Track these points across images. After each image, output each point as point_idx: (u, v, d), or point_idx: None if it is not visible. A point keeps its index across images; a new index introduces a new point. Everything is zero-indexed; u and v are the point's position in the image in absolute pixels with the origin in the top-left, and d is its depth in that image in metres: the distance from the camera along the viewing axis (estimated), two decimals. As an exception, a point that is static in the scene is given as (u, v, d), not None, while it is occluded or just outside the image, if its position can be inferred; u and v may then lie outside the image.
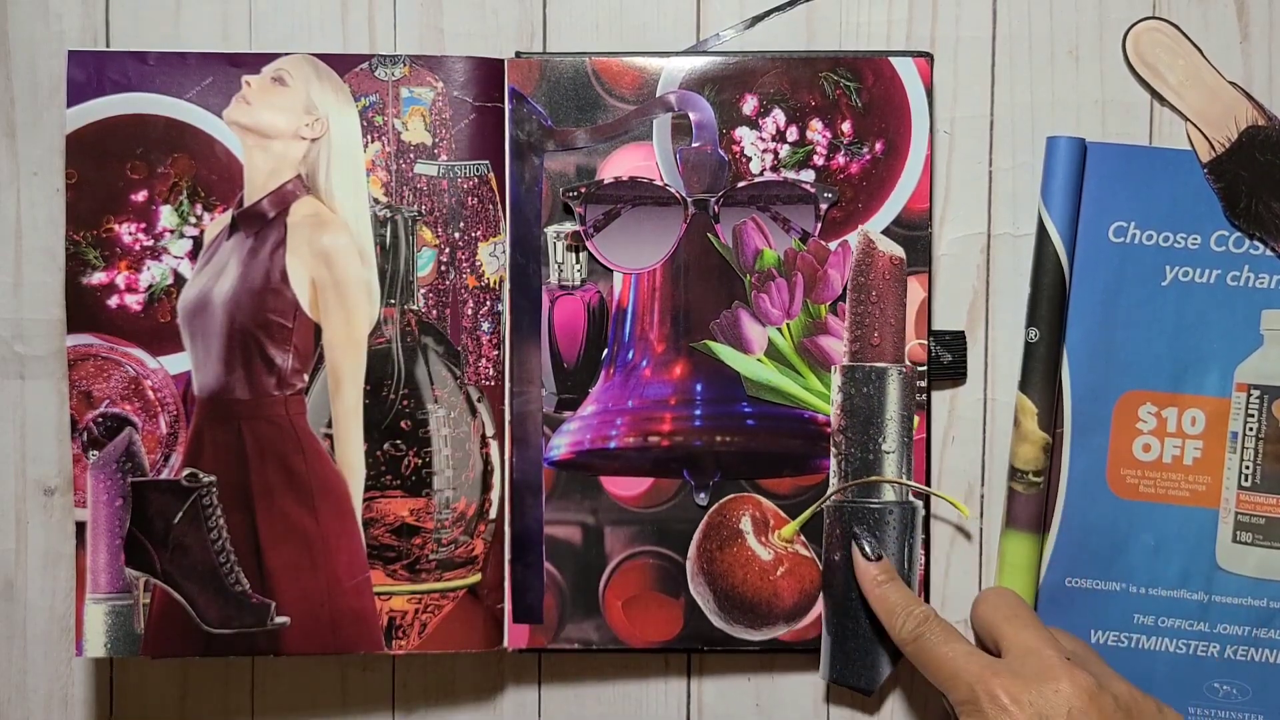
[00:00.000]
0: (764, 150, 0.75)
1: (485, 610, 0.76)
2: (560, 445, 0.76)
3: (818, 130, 0.75)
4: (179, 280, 0.74)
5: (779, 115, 0.75)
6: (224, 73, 0.74)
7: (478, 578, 0.75)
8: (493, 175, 0.75)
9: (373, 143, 0.74)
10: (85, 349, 0.74)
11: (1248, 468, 0.76)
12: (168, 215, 0.74)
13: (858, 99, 0.75)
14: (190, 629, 0.74)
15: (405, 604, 0.75)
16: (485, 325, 0.75)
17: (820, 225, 0.75)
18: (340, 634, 0.74)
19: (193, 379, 0.74)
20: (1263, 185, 0.75)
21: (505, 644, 0.76)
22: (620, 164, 0.75)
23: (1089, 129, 0.77)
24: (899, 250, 0.75)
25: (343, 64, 0.75)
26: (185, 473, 0.74)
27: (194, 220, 0.74)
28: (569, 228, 0.75)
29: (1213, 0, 0.77)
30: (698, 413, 0.75)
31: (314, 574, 0.74)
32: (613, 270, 0.76)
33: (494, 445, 0.76)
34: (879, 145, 0.75)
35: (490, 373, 0.75)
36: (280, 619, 0.74)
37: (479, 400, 0.75)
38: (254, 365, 0.74)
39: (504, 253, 0.75)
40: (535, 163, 0.75)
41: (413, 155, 0.75)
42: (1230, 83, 0.76)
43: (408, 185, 0.75)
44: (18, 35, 0.77)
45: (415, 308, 0.75)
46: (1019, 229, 0.77)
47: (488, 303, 0.75)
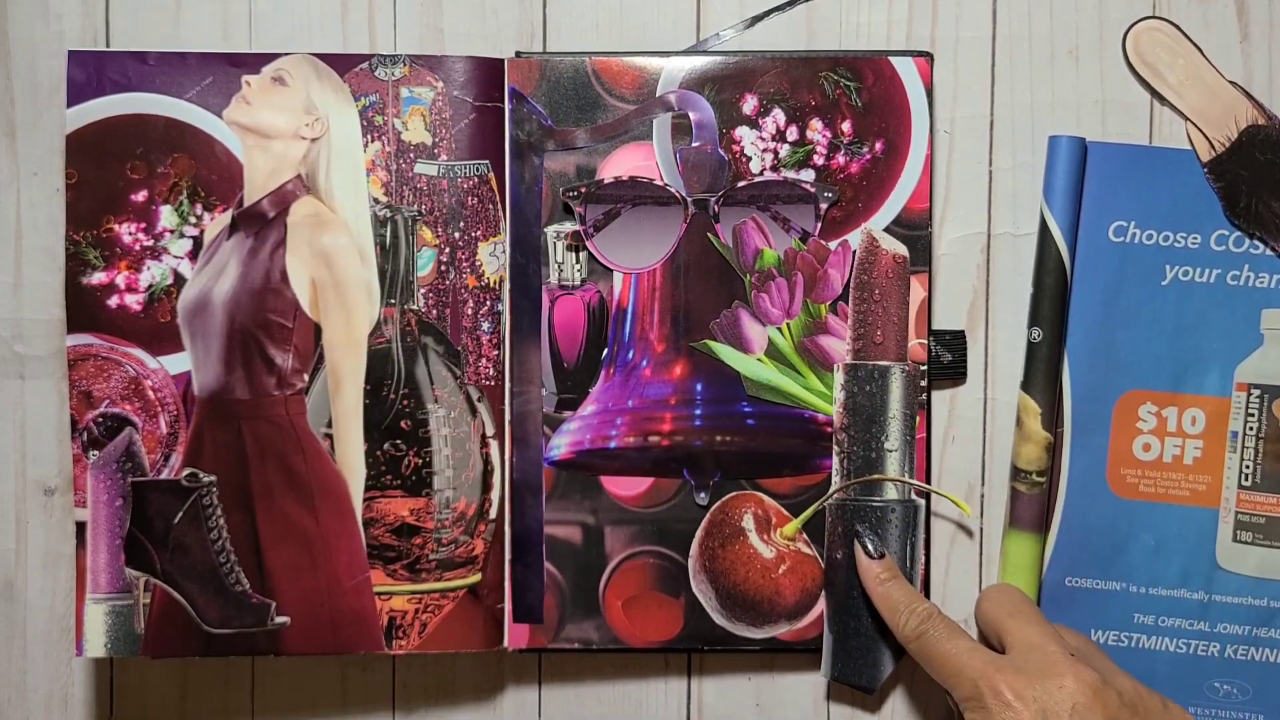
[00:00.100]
0: (764, 150, 0.75)
1: (485, 610, 0.75)
2: (560, 445, 0.76)
3: (818, 130, 0.75)
4: (179, 280, 0.74)
5: (779, 115, 0.75)
6: (224, 73, 0.74)
7: (478, 578, 0.75)
8: (493, 175, 0.75)
9: (373, 143, 0.74)
10: (85, 349, 0.74)
11: (1248, 467, 0.76)
12: (168, 215, 0.74)
13: (858, 99, 0.75)
14: (190, 629, 0.74)
15: (405, 604, 0.75)
16: (485, 325, 0.75)
17: (820, 225, 0.75)
18: (340, 634, 0.74)
19: (193, 379, 0.74)
20: (1263, 185, 0.75)
21: (505, 644, 0.76)
22: (620, 164, 0.75)
23: (1089, 129, 0.77)
24: (902, 249, 0.75)
25: (343, 64, 0.74)
26: (185, 473, 0.74)
27: (194, 220, 0.74)
28: (569, 228, 0.75)
29: (1213, 0, 0.77)
30: (698, 412, 0.75)
31: (314, 574, 0.74)
32: (613, 270, 0.76)
33: (494, 445, 0.75)
34: (879, 145, 0.75)
35: (490, 373, 0.75)
36: (280, 619, 0.74)
37: (479, 400, 0.75)
38: (254, 365, 0.74)
39: (504, 253, 0.75)
40: (535, 163, 0.75)
41: (413, 155, 0.75)
42: (1230, 82, 0.76)
43: (408, 185, 0.75)
44: (18, 35, 0.77)
45: (415, 308, 0.75)
46: (1019, 229, 0.77)
47: (488, 303, 0.75)
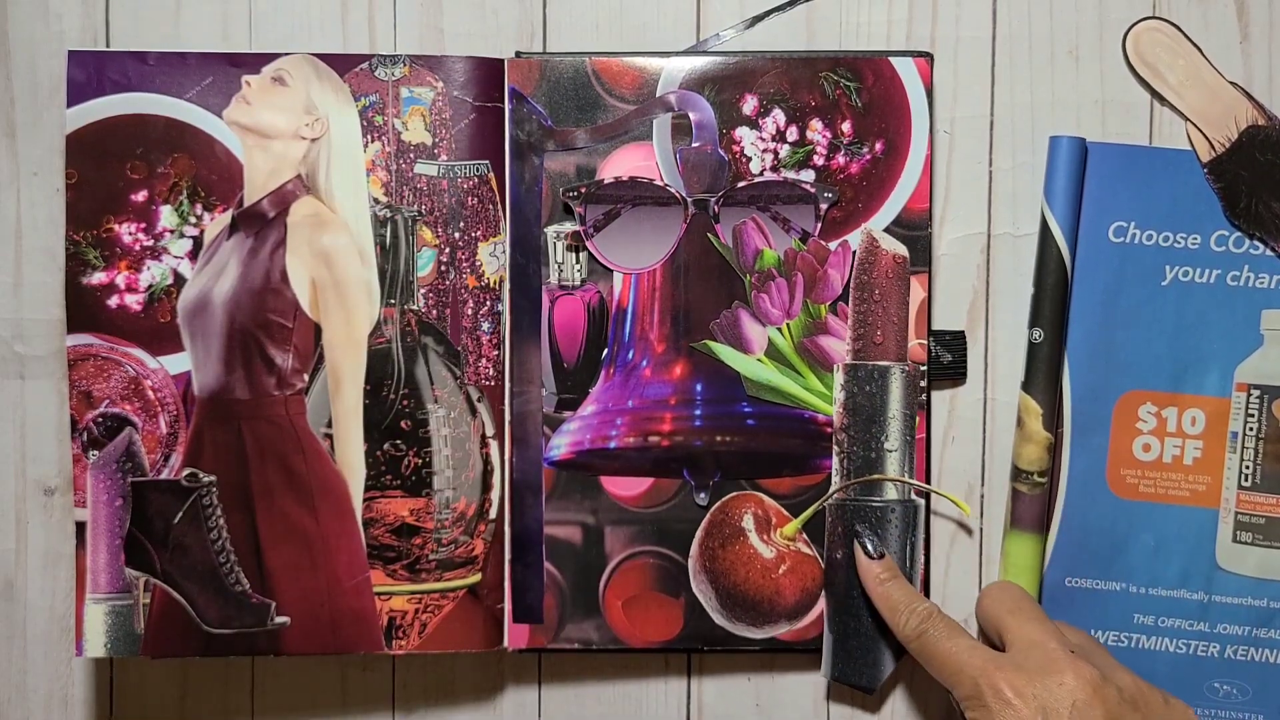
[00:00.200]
0: (764, 150, 0.75)
1: (485, 610, 0.75)
2: (560, 445, 0.76)
3: (818, 130, 0.75)
4: (179, 280, 0.74)
5: (779, 115, 0.75)
6: (224, 73, 0.74)
7: (478, 578, 0.75)
8: (493, 175, 0.75)
9: (373, 143, 0.74)
10: (85, 349, 0.74)
11: (1248, 467, 0.76)
12: (168, 215, 0.74)
13: (858, 99, 0.75)
14: (190, 629, 0.74)
15: (405, 604, 0.75)
16: (485, 325, 0.75)
17: (820, 225, 0.75)
18: (340, 634, 0.74)
19: (193, 379, 0.74)
20: (1263, 185, 0.75)
21: (505, 644, 0.76)
22: (620, 164, 0.75)
23: (1089, 129, 0.77)
24: (902, 249, 0.75)
25: (343, 64, 0.74)
26: (185, 473, 0.74)
27: (194, 220, 0.74)
28: (569, 228, 0.75)
29: (1213, 0, 0.77)
30: (698, 413, 0.75)
31: (314, 574, 0.74)
32: (613, 270, 0.76)
33: (494, 445, 0.75)
34: (879, 145, 0.75)
35: (490, 373, 0.75)
36: (280, 619, 0.74)
37: (479, 400, 0.75)
38: (254, 365, 0.74)
39: (504, 253, 0.75)
40: (535, 163, 0.75)
41: (413, 155, 0.75)
42: (1230, 83, 0.76)
43: (408, 185, 0.75)
44: (18, 35, 0.77)
45: (415, 308, 0.75)
46: (1019, 229, 0.77)
47: (488, 303, 0.75)
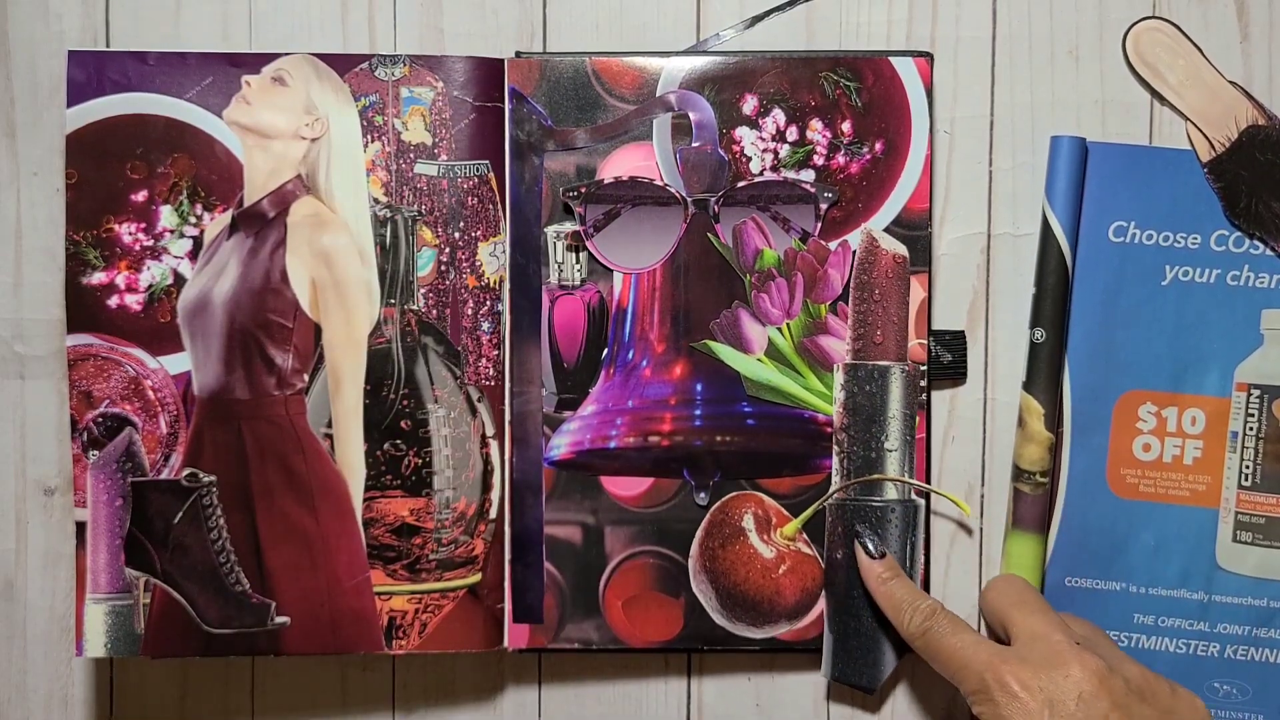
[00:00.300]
0: (764, 150, 0.75)
1: (485, 610, 0.75)
2: (560, 445, 0.76)
3: (818, 130, 0.75)
4: (179, 280, 0.74)
5: (779, 115, 0.75)
6: (224, 73, 0.74)
7: (478, 578, 0.75)
8: (493, 175, 0.75)
9: (373, 143, 0.74)
10: (85, 349, 0.74)
11: (1248, 467, 0.76)
12: (168, 215, 0.74)
13: (858, 99, 0.75)
14: (190, 629, 0.74)
15: (405, 604, 0.75)
16: (485, 325, 0.75)
17: (820, 225, 0.75)
18: (340, 634, 0.74)
19: (193, 379, 0.74)
20: (1263, 185, 0.75)
21: (505, 644, 0.76)
22: (620, 164, 0.75)
23: (1089, 129, 0.77)
24: (902, 249, 0.75)
25: (343, 64, 0.74)
26: (185, 473, 0.74)
27: (194, 220, 0.74)
28: (569, 228, 0.75)
29: (1213, 0, 0.77)
30: (698, 413, 0.75)
31: (314, 574, 0.74)
32: (613, 270, 0.76)
33: (494, 445, 0.75)
34: (879, 145, 0.75)
35: (490, 373, 0.75)
36: (280, 619, 0.74)
37: (479, 400, 0.75)
38: (254, 365, 0.74)
39: (504, 253, 0.75)
40: (535, 163, 0.75)
41: (413, 155, 0.75)
42: (1230, 83, 0.76)
43: (408, 185, 0.75)
44: (18, 35, 0.77)
45: (415, 308, 0.75)
46: (1019, 229, 0.77)
47: (488, 303, 0.75)
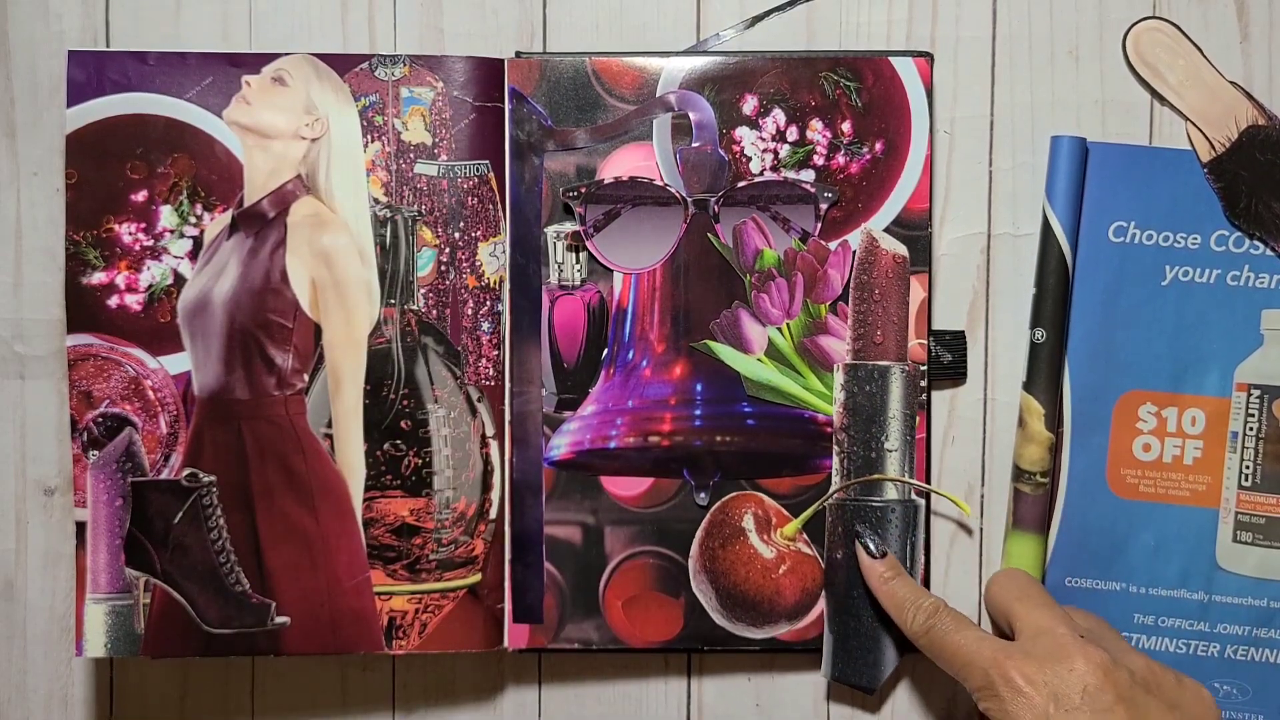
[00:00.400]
0: (764, 150, 0.75)
1: (485, 610, 0.75)
2: (560, 445, 0.76)
3: (818, 130, 0.75)
4: (179, 280, 0.74)
5: (779, 115, 0.75)
6: (224, 73, 0.74)
7: (478, 578, 0.75)
8: (493, 175, 0.75)
9: (373, 143, 0.74)
10: (85, 349, 0.74)
11: (1248, 467, 0.76)
12: (168, 215, 0.74)
13: (858, 99, 0.75)
14: (190, 629, 0.74)
15: (405, 604, 0.75)
16: (485, 325, 0.75)
17: (820, 225, 0.75)
18: (340, 634, 0.74)
19: (193, 379, 0.74)
20: (1263, 185, 0.75)
21: (505, 644, 0.76)
22: (620, 164, 0.75)
23: (1089, 129, 0.77)
24: (902, 249, 0.75)
25: (343, 64, 0.74)
26: (185, 473, 0.74)
27: (194, 220, 0.74)
28: (569, 228, 0.75)
29: (1213, 0, 0.77)
30: (698, 413, 0.75)
31: (314, 574, 0.74)
32: (613, 270, 0.76)
33: (494, 445, 0.75)
34: (879, 145, 0.75)
35: (490, 373, 0.75)
36: (280, 619, 0.74)
37: (479, 400, 0.75)
38: (254, 365, 0.74)
39: (504, 253, 0.75)
40: (535, 163, 0.75)
41: (413, 155, 0.75)
42: (1230, 83, 0.76)
43: (408, 185, 0.75)
44: (18, 35, 0.77)
45: (415, 308, 0.75)
46: (1019, 229, 0.77)
47: (488, 303, 0.75)
